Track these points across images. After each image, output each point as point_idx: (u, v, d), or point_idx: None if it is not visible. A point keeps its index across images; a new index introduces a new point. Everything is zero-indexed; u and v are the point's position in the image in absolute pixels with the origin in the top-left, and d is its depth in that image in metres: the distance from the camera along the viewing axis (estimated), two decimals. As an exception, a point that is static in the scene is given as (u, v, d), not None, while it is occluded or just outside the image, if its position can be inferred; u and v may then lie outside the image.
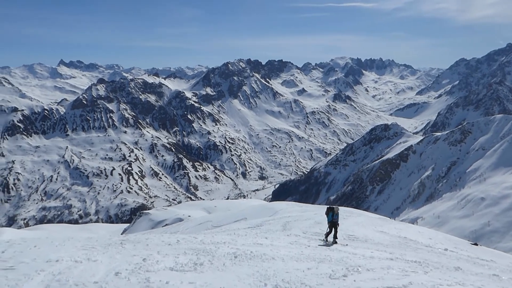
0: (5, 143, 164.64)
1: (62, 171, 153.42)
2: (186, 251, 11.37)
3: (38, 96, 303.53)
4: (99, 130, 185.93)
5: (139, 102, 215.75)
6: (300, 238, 16.42)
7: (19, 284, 8.31)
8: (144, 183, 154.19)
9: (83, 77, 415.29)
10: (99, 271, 9.22)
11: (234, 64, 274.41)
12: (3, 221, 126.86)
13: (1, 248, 12.22)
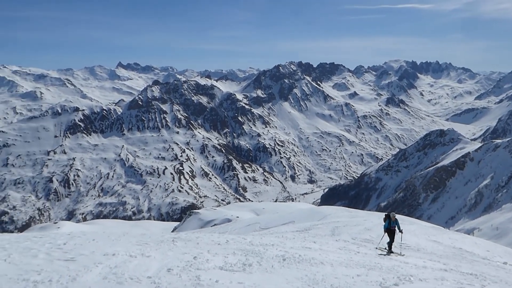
0: (67, 141, 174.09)
1: (118, 169, 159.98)
2: (235, 252, 11.54)
3: (97, 96, 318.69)
4: (153, 130, 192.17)
5: (192, 104, 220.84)
6: (349, 244, 16.17)
7: (79, 275, 8.80)
8: (195, 183, 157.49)
9: (139, 78, 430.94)
10: (152, 266, 9.58)
11: (285, 67, 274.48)
12: (63, 214, 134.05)
13: (63, 240, 12.97)
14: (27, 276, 8.63)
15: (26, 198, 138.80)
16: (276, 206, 66.47)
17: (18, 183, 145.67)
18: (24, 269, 9.25)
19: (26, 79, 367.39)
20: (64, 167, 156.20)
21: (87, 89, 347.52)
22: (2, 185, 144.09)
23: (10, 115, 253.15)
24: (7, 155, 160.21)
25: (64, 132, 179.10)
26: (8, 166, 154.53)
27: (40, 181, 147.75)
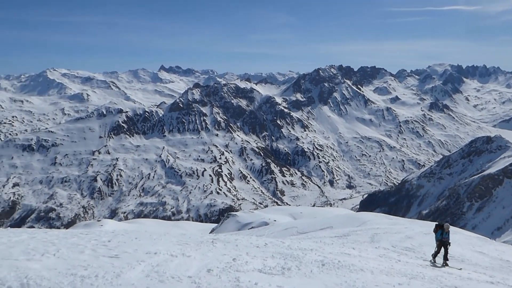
0: (111, 141, 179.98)
1: (158, 169, 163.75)
2: (274, 255, 11.57)
3: (140, 99, 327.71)
4: (193, 132, 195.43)
5: (231, 106, 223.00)
6: (389, 251, 15.84)
7: (123, 271, 9.10)
8: (233, 185, 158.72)
9: (180, 81, 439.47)
10: (193, 266, 9.76)
11: (325, 70, 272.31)
12: (106, 213, 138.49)
13: (107, 237, 13.44)
14: (75, 271, 9.01)
15: (72, 196, 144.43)
16: (314, 211, 65.91)
17: (65, 181, 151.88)
18: (72, 264, 9.65)
19: (74, 81, 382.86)
20: (107, 166, 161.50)
21: (130, 92, 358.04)
22: (51, 183, 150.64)
23: (58, 116, 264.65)
24: (55, 154, 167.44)
25: (108, 133, 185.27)
26: (56, 165, 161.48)
27: (85, 180, 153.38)
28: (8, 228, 17.56)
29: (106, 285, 8.19)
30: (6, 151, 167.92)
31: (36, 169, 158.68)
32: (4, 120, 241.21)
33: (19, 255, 10.25)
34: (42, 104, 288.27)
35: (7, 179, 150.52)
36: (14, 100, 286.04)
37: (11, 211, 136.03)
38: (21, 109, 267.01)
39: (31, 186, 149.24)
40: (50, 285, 8.01)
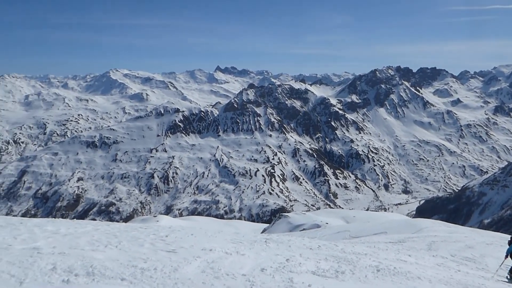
0: (168, 140, 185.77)
1: (212, 168, 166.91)
2: (327, 258, 11.50)
3: (196, 99, 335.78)
4: (246, 132, 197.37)
5: (285, 107, 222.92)
6: (448, 261, 15.22)
7: (180, 266, 9.42)
8: (285, 186, 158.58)
9: (235, 82, 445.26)
10: (247, 265, 9.92)
11: (382, 72, 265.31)
12: (162, 209, 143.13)
13: (165, 232, 13.94)
14: (135, 263, 9.44)
15: (131, 192, 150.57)
16: (367, 215, 64.40)
17: (124, 177, 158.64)
18: (133, 256, 10.12)
19: (135, 81, 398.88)
20: (164, 164, 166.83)
21: (187, 92, 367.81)
22: (111, 179, 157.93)
23: (120, 115, 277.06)
24: (116, 151, 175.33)
25: (166, 131, 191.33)
26: (116, 161, 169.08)
27: (143, 176, 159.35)
28: (74, 219, 18.65)
29: (164, 278, 8.52)
30: (72, 147, 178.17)
31: (99, 165, 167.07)
32: (71, 118, 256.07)
33: (85, 245, 10.90)
34: (105, 103, 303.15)
35: (72, 174, 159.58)
36: (80, 99, 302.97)
37: (75, 204, 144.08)
38: (86, 108, 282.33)
39: (94, 181, 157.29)
40: (113, 275, 8.46)
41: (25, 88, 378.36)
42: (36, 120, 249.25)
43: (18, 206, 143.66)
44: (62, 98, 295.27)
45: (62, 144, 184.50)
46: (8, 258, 9.08)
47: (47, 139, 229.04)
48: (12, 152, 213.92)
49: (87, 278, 8.19)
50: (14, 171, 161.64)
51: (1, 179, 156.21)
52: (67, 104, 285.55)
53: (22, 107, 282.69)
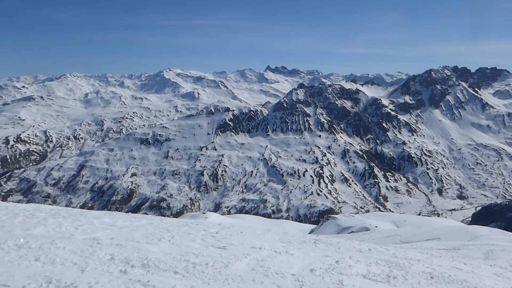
0: (218, 138, 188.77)
1: (261, 167, 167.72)
2: (378, 261, 11.28)
3: (246, 98, 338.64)
4: (295, 132, 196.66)
5: (335, 108, 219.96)
6: (507, 271, 14.46)
7: (230, 262, 9.60)
8: (334, 187, 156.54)
9: (285, 82, 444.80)
10: (296, 264, 9.94)
11: (437, 72, 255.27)
12: (211, 206, 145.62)
13: (215, 229, 14.22)
14: (187, 258, 9.72)
15: (181, 188, 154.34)
16: (419, 220, 62.29)
17: (175, 174, 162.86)
18: (184, 250, 10.43)
19: (187, 81, 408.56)
20: (213, 162, 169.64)
21: (237, 91, 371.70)
22: (163, 175, 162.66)
23: (172, 113, 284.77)
24: (168, 148, 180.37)
25: (216, 130, 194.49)
26: (168, 158, 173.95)
27: (193, 173, 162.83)
28: (129, 213, 19.43)
29: (215, 274, 8.72)
30: (126, 144, 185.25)
31: (151, 161, 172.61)
32: (126, 116, 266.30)
33: (140, 238, 11.36)
34: (158, 101, 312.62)
35: (126, 169, 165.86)
36: (135, 98, 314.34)
37: (129, 199, 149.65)
38: (141, 106, 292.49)
39: (146, 176, 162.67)
40: (167, 268, 8.76)
41: (84, 86, 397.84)
42: (95, 117, 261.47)
43: (77, 198, 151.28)
44: (118, 97, 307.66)
45: (117, 141, 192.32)
46: (71, 247, 9.64)
47: (104, 136, 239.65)
48: (72, 147, 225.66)
49: (142, 270, 8.54)
50: (73, 166, 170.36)
51: (62, 173, 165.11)
52: (123, 102, 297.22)
53: (82, 104, 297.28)
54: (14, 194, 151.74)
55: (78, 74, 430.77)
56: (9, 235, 10.22)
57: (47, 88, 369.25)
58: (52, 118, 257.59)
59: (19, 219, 12.33)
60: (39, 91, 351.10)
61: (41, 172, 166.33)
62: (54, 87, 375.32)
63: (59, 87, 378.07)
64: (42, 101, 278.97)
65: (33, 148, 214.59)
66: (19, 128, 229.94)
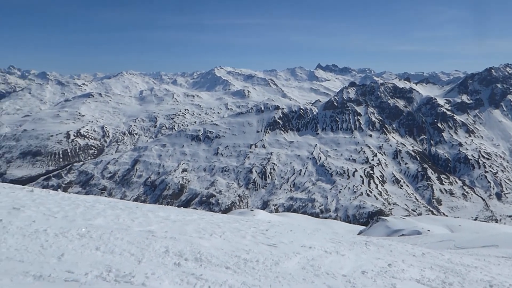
0: (267, 136, 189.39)
1: (309, 166, 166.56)
2: (433, 267, 10.94)
3: (296, 96, 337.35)
4: (346, 131, 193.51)
5: (387, 107, 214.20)
6: None
7: (281, 260, 9.66)
8: (384, 188, 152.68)
9: (336, 80, 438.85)
10: (346, 265, 9.84)
11: (499, 70, 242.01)
12: (259, 204, 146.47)
13: (265, 227, 14.33)
14: (238, 254, 9.88)
15: (230, 185, 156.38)
16: (476, 225, 59.42)
17: (224, 170, 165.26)
18: (236, 246, 10.60)
19: (238, 78, 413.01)
20: (262, 160, 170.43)
21: (287, 89, 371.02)
22: (212, 171, 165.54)
23: (222, 110, 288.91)
24: (218, 145, 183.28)
25: (265, 128, 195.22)
26: (218, 155, 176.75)
27: (242, 171, 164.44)
28: (181, 208, 19.97)
29: (266, 271, 8.81)
30: (178, 140, 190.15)
31: (201, 158, 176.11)
32: (178, 113, 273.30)
33: (192, 233, 11.67)
34: (209, 99, 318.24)
35: (177, 165, 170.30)
36: (187, 95, 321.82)
37: (179, 193, 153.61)
38: (192, 103, 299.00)
39: (197, 172, 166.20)
40: (218, 263, 8.95)
41: (140, 84, 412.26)
42: (148, 113, 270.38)
43: (131, 192, 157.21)
44: (171, 94, 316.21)
45: (170, 137, 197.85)
46: (128, 238, 10.08)
47: (157, 132, 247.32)
48: (127, 142, 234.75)
49: (195, 264, 8.78)
50: (128, 160, 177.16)
51: (118, 167, 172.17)
52: (175, 100, 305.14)
53: (137, 101, 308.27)
54: (74, 186, 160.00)
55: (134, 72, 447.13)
56: (72, 224, 10.83)
57: (105, 85, 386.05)
58: (109, 114, 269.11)
59: (81, 209, 13.03)
60: (98, 88, 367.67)
61: (98, 165, 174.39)
62: (112, 84, 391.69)
63: (116, 84, 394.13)
64: (100, 98, 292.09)
65: (92, 142, 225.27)
66: (79, 123, 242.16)
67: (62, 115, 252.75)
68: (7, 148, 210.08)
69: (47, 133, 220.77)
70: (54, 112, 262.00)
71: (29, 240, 8.91)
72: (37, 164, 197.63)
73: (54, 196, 15.13)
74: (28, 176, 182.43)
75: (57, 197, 15.17)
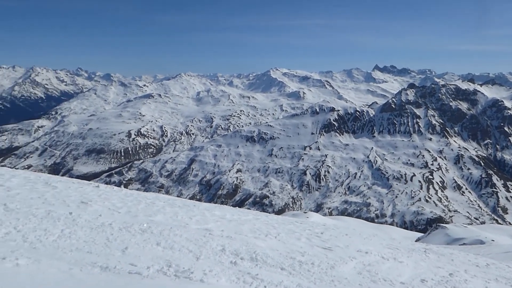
0: (321, 138, 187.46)
1: (365, 170, 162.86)
2: (498, 279, 10.39)
3: (352, 98, 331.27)
4: (403, 134, 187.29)
5: (449, 109, 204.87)
6: None
7: (336, 264, 9.58)
8: (444, 194, 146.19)
9: (394, 81, 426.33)
10: (405, 273, 9.58)
11: None
12: (312, 206, 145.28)
13: (320, 229, 14.25)
14: (293, 255, 9.91)
15: (284, 186, 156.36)
16: (546, 237, 55.45)
17: (278, 172, 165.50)
18: (290, 248, 10.63)
19: (293, 80, 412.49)
20: (316, 162, 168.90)
21: (343, 91, 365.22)
22: (266, 172, 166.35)
23: (277, 112, 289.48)
24: (272, 146, 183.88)
25: (320, 130, 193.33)
26: (272, 156, 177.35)
27: (296, 172, 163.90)
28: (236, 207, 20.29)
29: (321, 274, 8.77)
30: (233, 141, 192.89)
31: (256, 159, 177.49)
32: (234, 114, 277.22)
33: (248, 232, 11.84)
34: (264, 100, 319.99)
35: (232, 165, 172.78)
36: (242, 96, 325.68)
37: (233, 193, 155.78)
38: (248, 104, 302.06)
39: (251, 173, 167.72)
40: (274, 264, 9.03)
41: (197, 85, 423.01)
42: (205, 114, 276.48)
43: (187, 190, 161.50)
44: (227, 95, 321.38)
45: (225, 137, 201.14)
46: (187, 235, 10.41)
47: (213, 132, 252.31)
48: (184, 142, 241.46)
49: (251, 263, 8.92)
50: (185, 159, 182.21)
51: (175, 166, 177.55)
52: (231, 101, 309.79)
53: (194, 102, 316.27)
54: (133, 183, 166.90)
55: (192, 73, 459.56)
56: (135, 220, 11.36)
57: (164, 86, 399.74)
58: (168, 114, 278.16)
59: (142, 206, 13.61)
60: (158, 89, 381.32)
61: (156, 164, 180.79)
62: (171, 85, 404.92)
63: (174, 85, 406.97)
64: (159, 99, 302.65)
65: (151, 141, 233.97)
66: (139, 123, 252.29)
67: (124, 115, 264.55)
68: (74, 145, 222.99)
69: (110, 132, 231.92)
70: (117, 112, 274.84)
71: (96, 233, 9.45)
72: (101, 161, 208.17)
73: (117, 192, 15.91)
74: (93, 172, 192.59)
75: (121, 193, 15.94)
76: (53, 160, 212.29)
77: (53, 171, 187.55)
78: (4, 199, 11.03)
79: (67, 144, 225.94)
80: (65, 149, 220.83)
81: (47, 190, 13.27)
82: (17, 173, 16.70)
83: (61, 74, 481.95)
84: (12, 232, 8.54)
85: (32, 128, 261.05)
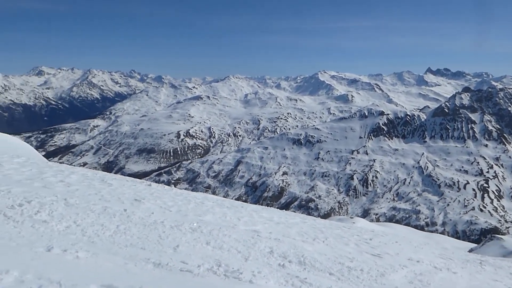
0: (370, 142, 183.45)
1: (415, 176, 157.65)
2: (562, 296, 9.78)
3: (402, 102, 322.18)
4: (457, 140, 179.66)
5: (507, 114, 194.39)
6: None
7: (386, 272, 9.38)
8: (501, 204, 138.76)
9: (448, 85, 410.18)
10: (459, 284, 9.23)
11: None
12: (359, 211, 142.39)
13: (368, 235, 14.00)
14: (342, 261, 9.80)
15: (330, 190, 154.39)
16: None
17: (324, 175, 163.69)
18: (339, 253, 10.52)
19: (341, 83, 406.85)
20: (364, 167, 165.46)
21: (393, 94, 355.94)
22: (312, 176, 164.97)
23: (324, 115, 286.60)
24: (319, 150, 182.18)
25: (368, 134, 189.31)
26: (318, 159, 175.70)
27: (343, 177, 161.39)
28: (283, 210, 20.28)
29: (371, 281, 8.62)
30: (280, 143, 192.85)
31: (302, 162, 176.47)
32: (281, 116, 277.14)
33: (295, 236, 11.84)
34: (312, 103, 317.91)
35: (278, 168, 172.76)
36: (290, 99, 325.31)
37: (279, 196, 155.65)
38: (295, 107, 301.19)
39: (297, 176, 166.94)
40: (322, 268, 8.97)
41: (245, 87, 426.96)
42: (252, 116, 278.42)
43: (233, 191, 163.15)
44: (274, 98, 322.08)
45: (271, 140, 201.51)
46: (235, 236, 10.56)
47: (259, 134, 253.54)
48: (231, 143, 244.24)
49: (299, 267, 8.91)
50: (231, 161, 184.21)
51: (222, 167, 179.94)
52: (278, 103, 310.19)
53: (242, 104, 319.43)
54: (182, 183, 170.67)
55: (240, 75, 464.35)
56: (185, 219, 11.65)
57: (213, 88, 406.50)
58: (216, 116, 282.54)
59: (192, 205, 13.94)
60: (206, 91, 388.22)
61: (204, 164, 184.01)
62: (219, 87, 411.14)
63: (223, 87, 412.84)
64: (208, 100, 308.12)
65: (199, 142, 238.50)
66: (188, 124, 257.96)
67: (174, 116, 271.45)
68: (126, 145, 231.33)
69: (160, 132, 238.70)
70: (167, 113, 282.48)
71: (148, 230, 9.79)
72: (151, 161, 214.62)
73: (168, 191, 16.38)
74: (143, 171, 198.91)
75: (171, 192, 16.39)
76: (107, 159, 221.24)
77: (107, 169, 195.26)
78: (65, 194, 11.65)
79: (119, 143, 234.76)
80: (118, 148, 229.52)
81: (103, 187, 13.89)
82: (76, 170, 17.58)
83: (116, 76, 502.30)
84: (72, 226, 9.01)
85: (88, 128, 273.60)
